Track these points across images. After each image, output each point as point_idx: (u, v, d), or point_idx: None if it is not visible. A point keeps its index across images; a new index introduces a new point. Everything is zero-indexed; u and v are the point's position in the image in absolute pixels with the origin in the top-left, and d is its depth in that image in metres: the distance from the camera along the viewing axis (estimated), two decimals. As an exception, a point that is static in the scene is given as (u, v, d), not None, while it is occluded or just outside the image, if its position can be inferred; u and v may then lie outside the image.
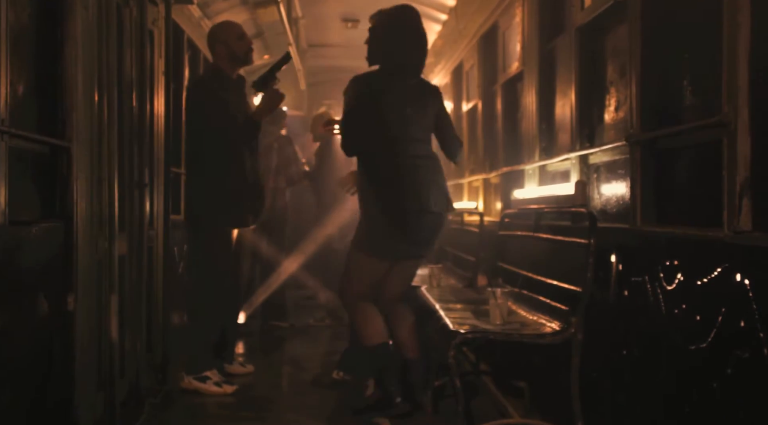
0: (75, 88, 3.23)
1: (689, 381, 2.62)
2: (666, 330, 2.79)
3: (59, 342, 3.16)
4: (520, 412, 3.96)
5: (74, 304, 3.21)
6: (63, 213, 3.22)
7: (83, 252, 3.29)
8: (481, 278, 5.22)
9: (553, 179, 4.70)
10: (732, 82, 2.42)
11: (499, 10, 6.20)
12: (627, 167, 3.37)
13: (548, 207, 4.30)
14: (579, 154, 4.10)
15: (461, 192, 7.86)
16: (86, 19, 3.32)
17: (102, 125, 3.55)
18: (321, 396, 4.73)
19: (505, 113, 6.33)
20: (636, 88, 3.25)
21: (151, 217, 4.58)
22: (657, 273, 2.84)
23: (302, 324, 7.41)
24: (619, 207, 3.67)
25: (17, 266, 2.78)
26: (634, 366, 3.08)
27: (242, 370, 5.19)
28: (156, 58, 4.75)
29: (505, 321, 3.63)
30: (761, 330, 2.16)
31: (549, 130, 4.97)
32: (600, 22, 4.02)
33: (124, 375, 4.00)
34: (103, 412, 3.66)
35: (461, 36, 7.67)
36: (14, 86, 2.76)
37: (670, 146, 3.10)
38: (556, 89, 4.89)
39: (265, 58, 8.86)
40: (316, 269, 7.66)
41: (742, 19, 2.39)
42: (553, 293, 3.66)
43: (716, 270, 2.44)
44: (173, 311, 5.12)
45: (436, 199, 3.98)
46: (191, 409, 4.45)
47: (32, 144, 3.05)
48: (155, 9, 4.79)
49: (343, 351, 5.05)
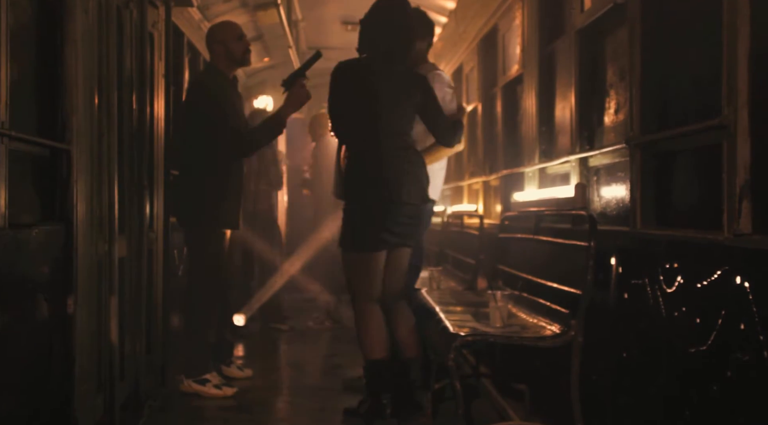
0: (75, 90, 3.23)
1: (689, 383, 2.62)
2: (666, 332, 2.79)
3: (59, 344, 3.16)
4: (520, 415, 3.95)
5: (74, 306, 3.21)
6: (63, 216, 3.22)
7: (83, 255, 3.29)
8: (481, 280, 5.22)
9: (553, 181, 4.70)
10: (732, 85, 2.43)
11: (499, 12, 6.20)
12: (627, 169, 3.37)
13: (548, 210, 4.30)
14: (579, 156, 4.10)
15: (461, 195, 7.86)
16: (86, 22, 3.33)
17: (102, 127, 3.55)
18: (321, 399, 4.73)
19: (504, 115, 6.32)
20: (636, 90, 3.25)
21: (151, 219, 4.59)
22: (657, 276, 2.83)
23: (302, 326, 7.40)
24: (619, 210, 3.67)
25: (17, 268, 2.78)
26: (634, 368, 3.08)
27: (240, 374, 5.18)
28: (156, 61, 4.75)
29: (505, 323, 3.62)
30: (761, 333, 2.16)
31: (549, 132, 4.97)
32: (600, 24, 4.02)
33: (124, 378, 3.99)
34: (103, 415, 3.65)
35: (461, 39, 7.68)
36: (14, 89, 2.76)
37: (670, 149, 3.10)
38: (555, 92, 4.90)
39: (265, 61, 8.87)
40: (316, 271, 7.67)
41: (742, 22, 2.39)
42: (553, 296, 3.66)
43: (716, 273, 2.44)
44: (173, 314, 5.11)
45: (410, 190, 3.97)
46: (191, 412, 4.45)
47: (32, 147, 3.05)
48: (155, 11, 4.80)
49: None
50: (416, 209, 4.02)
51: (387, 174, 3.92)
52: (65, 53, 3.22)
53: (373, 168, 3.95)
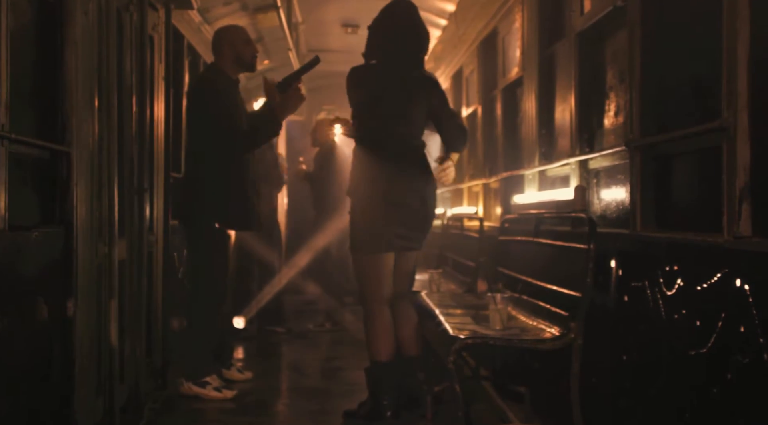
0: (75, 93, 3.23)
1: (689, 386, 2.62)
2: (666, 335, 2.79)
3: (59, 346, 3.16)
4: (520, 418, 3.95)
5: (74, 309, 3.21)
6: (63, 218, 3.22)
7: (83, 257, 3.29)
8: (481, 283, 5.21)
9: (553, 184, 4.70)
10: (731, 88, 2.43)
11: (498, 15, 6.20)
12: (627, 172, 3.37)
13: (548, 212, 4.30)
14: (579, 159, 4.11)
15: (461, 197, 7.86)
16: (86, 25, 3.33)
17: (102, 130, 3.56)
18: (321, 401, 4.73)
19: (504, 118, 6.33)
20: (635, 93, 3.25)
21: (151, 222, 4.58)
22: (657, 278, 2.83)
23: (302, 329, 7.40)
24: (619, 212, 3.67)
25: (17, 271, 2.78)
26: (634, 371, 3.08)
27: (240, 377, 5.18)
28: (156, 64, 4.75)
29: (505, 326, 3.62)
30: (761, 336, 2.16)
31: (549, 135, 4.97)
32: (599, 27, 4.02)
33: (124, 380, 3.99)
34: (103, 417, 3.65)
35: (461, 41, 7.68)
36: (14, 91, 2.76)
37: (670, 152, 3.11)
38: (555, 94, 4.90)
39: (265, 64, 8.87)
40: (316, 274, 7.66)
41: (742, 25, 2.39)
42: (553, 299, 3.65)
43: (716, 276, 2.44)
44: (173, 316, 5.11)
45: (420, 193, 3.99)
46: (191, 414, 4.44)
47: (32, 149, 3.05)
48: (155, 14, 4.80)
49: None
50: (423, 211, 4.04)
51: (398, 177, 3.95)
52: (65, 56, 3.22)
53: (384, 170, 3.96)
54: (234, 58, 4.82)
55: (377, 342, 4.08)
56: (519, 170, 5.41)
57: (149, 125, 4.44)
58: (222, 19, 6.73)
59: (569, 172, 4.28)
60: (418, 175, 4.04)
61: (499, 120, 6.53)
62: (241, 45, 4.83)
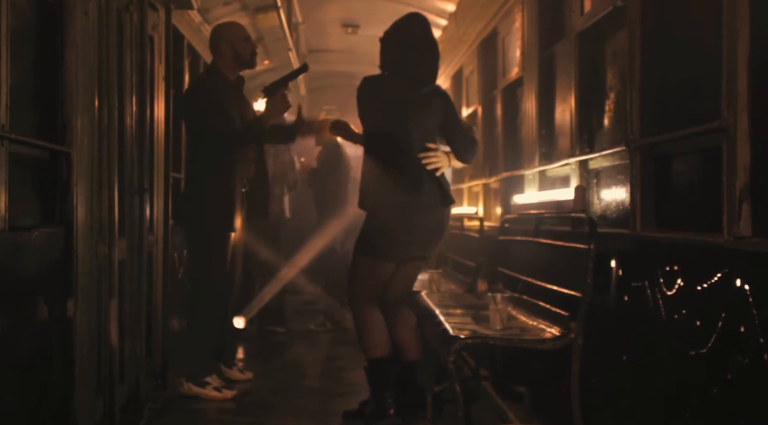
0: (75, 93, 3.23)
1: (689, 386, 2.62)
2: (666, 335, 2.79)
3: (59, 347, 3.16)
4: (520, 418, 3.95)
5: (74, 309, 3.21)
6: (63, 218, 3.22)
7: (83, 257, 3.29)
8: (481, 283, 5.22)
9: (553, 184, 4.71)
10: (731, 88, 2.43)
11: (499, 15, 6.20)
12: (627, 172, 3.37)
13: (548, 212, 4.30)
14: (579, 159, 4.11)
15: (461, 197, 7.86)
16: (86, 25, 3.33)
17: (102, 130, 3.56)
18: (321, 401, 4.73)
19: (504, 118, 6.33)
20: (635, 93, 3.25)
21: (151, 222, 4.59)
22: (657, 279, 2.84)
23: (302, 329, 7.40)
24: (619, 212, 3.67)
25: (17, 271, 2.78)
26: (634, 371, 3.08)
27: (241, 377, 5.18)
28: (156, 64, 4.75)
29: (505, 326, 3.62)
30: (761, 335, 2.16)
31: (549, 135, 4.97)
32: (600, 27, 4.02)
33: (124, 381, 4.00)
34: (103, 417, 3.66)
35: (461, 41, 7.68)
36: (14, 91, 2.76)
37: (670, 152, 3.11)
38: (555, 94, 4.90)
39: (265, 64, 8.88)
40: (317, 274, 7.66)
41: (742, 25, 2.39)
42: (553, 299, 3.66)
43: (716, 276, 2.44)
44: (173, 317, 5.11)
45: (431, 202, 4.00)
46: (191, 414, 4.44)
47: (32, 149, 3.05)
48: (155, 14, 4.80)
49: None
50: (438, 220, 4.04)
51: (409, 186, 3.94)
52: (65, 56, 3.22)
53: (396, 179, 3.96)
54: (232, 56, 4.78)
55: (371, 338, 4.08)
56: (519, 170, 5.41)
57: (149, 125, 4.44)
58: (222, 19, 6.72)
59: (569, 172, 4.28)
60: (430, 182, 4.02)
61: (499, 120, 6.54)
62: (239, 42, 4.80)
